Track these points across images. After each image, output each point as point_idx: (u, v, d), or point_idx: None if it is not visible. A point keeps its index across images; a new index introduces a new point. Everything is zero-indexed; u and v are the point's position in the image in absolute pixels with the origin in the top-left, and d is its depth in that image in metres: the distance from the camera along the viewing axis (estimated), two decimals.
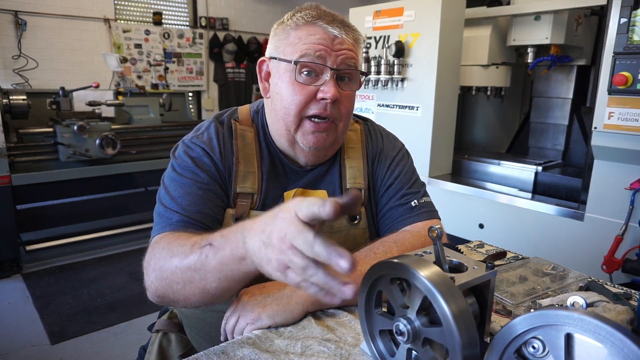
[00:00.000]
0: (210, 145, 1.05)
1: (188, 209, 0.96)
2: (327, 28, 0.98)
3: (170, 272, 0.81)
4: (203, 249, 0.77)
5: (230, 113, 1.14)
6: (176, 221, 0.94)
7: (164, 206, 0.98)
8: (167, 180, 1.03)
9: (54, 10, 4.96)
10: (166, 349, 1.13)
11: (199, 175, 1.01)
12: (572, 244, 2.26)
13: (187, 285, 0.80)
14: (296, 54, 0.98)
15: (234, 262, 0.73)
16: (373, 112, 3.04)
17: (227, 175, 1.05)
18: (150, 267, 0.87)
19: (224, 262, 0.74)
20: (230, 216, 1.03)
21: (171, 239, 0.88)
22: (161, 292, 0.85)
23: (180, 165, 1.03)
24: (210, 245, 0.76)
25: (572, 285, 1.07)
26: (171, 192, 1.00)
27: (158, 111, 4.29)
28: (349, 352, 0.80)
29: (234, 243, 0.72)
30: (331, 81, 0.98)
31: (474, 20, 2.86)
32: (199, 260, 0.77)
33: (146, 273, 0.88)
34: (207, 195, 1.00)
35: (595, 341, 0.51)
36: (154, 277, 0.85)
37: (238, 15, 6.50)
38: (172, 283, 0.82)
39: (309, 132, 1.02)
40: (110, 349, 2.53)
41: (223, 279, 0.76)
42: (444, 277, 0.62)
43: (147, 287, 0.88)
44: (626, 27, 1.85)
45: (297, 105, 1.00)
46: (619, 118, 1.95)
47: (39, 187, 3.49)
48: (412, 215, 1.11)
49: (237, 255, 0.71)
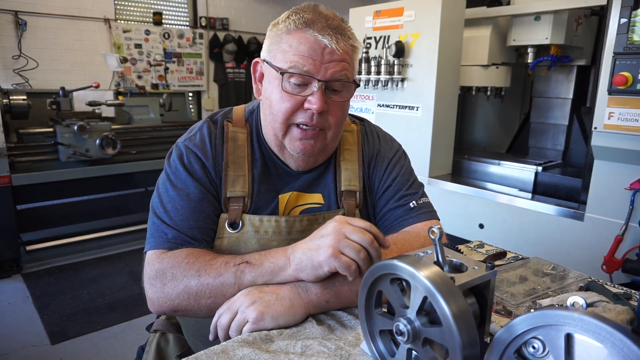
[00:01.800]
0: (202, 148, 1.05)
1: (181, 224, 0.99)
2: (318, 37, 0.95)
3: (199, 288, 0.90)
4: (239, 266, 0.90)
5: (224, 113, 1.13)
6: (172, 237, 0.98)
7: (158, 218, 1.01)
8: (162, 189, 1.04)
9: (54, 10, 4.97)
10: (164, 349, 1.13)
11: (191, 187, 1.02)
12: (572, 244, 2.26)
13: (217, 299, 0.90)
14: (286, 63, 0.97)
15: (271, 274, 0.89)
16: (373, 112, 3.04)
17: (219, 179, 1.05)
18: (168, 285, 0.92)
19: (261, 275, 0.89)
20: (225, 221, 1.03)
21: (189, 258, 0.93)
22: (183, 306, 0.92)
23: (173, 174, 1.04)
24: (247, 263, 0.91)
25: (572, 285, 1.07)
26: (165, 204, 1.01)
27: (158, 111, 4.29)
28: (349, 352, 0.80)
29: (275, 257, 0.90)
30: (319, 92, 0.97)
31: (474, 20, 2.86)
32: (235, 276, 0.90)
33: (156, 288, 0.93)
34: (199, 207, 1.01)
35: (595, 341, 0.51)
36: (172, 293, 0.92)
37: (238, 15, 6.50)
38: (199, 298, 0.91)
39: (297, 139, 1.02)
40: (110, 349, 2.53)
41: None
42: (444, 277, 0.62)
43: (154, 301, 0.94)
44: (626, 27, 1.84)
45: (284, 113, 0.99)
46: (619, 118, 1.95)
47: (39, 187, 3.49)
48: (411, 217, 1.11)
49: (279, 266, 0.89)
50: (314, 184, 1.12)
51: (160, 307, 0.94)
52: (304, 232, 1.06)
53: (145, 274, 0.95)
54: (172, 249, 0.97)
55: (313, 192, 1.12)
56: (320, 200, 1.12)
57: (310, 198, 1.11)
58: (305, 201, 1.11)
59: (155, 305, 0.95)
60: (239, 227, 1.03)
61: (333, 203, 1.12)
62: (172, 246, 0.97)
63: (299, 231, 1.06)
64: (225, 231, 1.03)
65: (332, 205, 1.12)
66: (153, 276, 0.94)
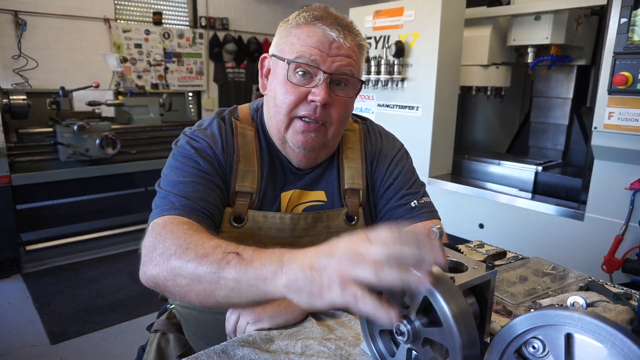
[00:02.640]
0: (213, 139, 1.04)
1: (191, 196, 0.93)
2: (326, 30, 0.97)
3: (180, 265, 0.76)
4: (227, 255, 0.73)
5: (230, 111, 1.13)
6: (180, 205, 0.90)
7: (165, 191, 0.94)
8: (168, 169, 1.00)
9: (54, 10, 4.96)
10: (164, 349, 1.13)
11: (202, 165, 0.99)
12: (572, 244, 2.26)
13: (193, 283, 0.75)
14: (292, 53, 0.98)
15: (256, 279, 0.68)
16: (373, 112, 3.04)
17: (228, 171, 1.04)
18: (156, 252, 0.81)
19: (245, 274, 0.69)
20: (229, 215, 1.02)
21: (186, 228, 0.83)
22: (161, 280, 0.79)
23: (182, 154, 1.01)
24: (236, 254, 0.72)
25: (572, 285, 1.07)
26: (173, 178, 0.96)
27: (158, 111, 4.28)
28: (349, 352, 0.80)
29: (267, 260, 0.68)
30: (323, 84, 0.97)
31: (474, 20, 2.86)
32: (219, 264, 0.72)
33: (148, 256, 0.83)
34: (209, 185, 0.98)
35: (595, 341, 0.51)
36: (158, 264, 0.79)
37: (238, 15, 6.50)
38: (177, 277, 0.76)
39: (299, 132, 1.02)
40: (110, 349, 2.53)
41: (235, 291, 0.71)
42: (444, 277, 0.62)
43: (144, 269, 0.83)
44: (626, 27, 1.84)
45: (287, 105, 1.00)
46: (619, 118, 1.95)
47: (39, 187, 3.48)
48: (412, 216, 1.11)
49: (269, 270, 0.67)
50: (317, 182, 1.13)
51: (144, 276, 0.83)
52: (308, 230, 1.06)
53: (145, 240, 0.87)
54: (179, 215, 0.89)
55: (316, 190, 1.12)
56: (323, 198, 1.12)
57: (312, 196, 1.11)
58: (308, 199, 1.11)
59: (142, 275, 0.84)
60: (243, 223, 1.02)
61: (336, 201, 1.12)
62: (180, 213, 0.89)
63: (304, 228, 1.07)
64: (227, 225, 1.02)
65: (336, 203, 1.12)
66: (147, 243, 0.85)
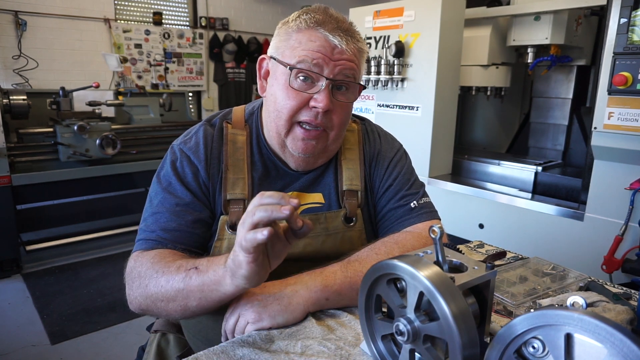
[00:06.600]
0: (196, 152, 1.05)
1: (165, 227, 1.00)
2: (328, 36, 0.97)
3: (155, 290, 0.89)
4: (189, 272, 0.86)
5: (223, 115, 1.14)
6: (152, 239, 0.99)
7: (144, 221, 1.03)
8: (152, 192, 1.06)
9: (54, 10, 4.96)
10: (164, 349, 1.13)
11: (179, 192, 1.03)
12: (572, 244, 2.26)
13: (170, 303, 0.88)
14: (294, 58, 0.97)
15: (213, 284, 0.82)
16: (373, 112, 3.04)
17: (217, 181, 1.05)
18: (134, 284, 0.93)
19: (205, 283, 0.83)
20: (225, 222, 1.03)
21: (155, 259, 0.93)
22: (144, 307, 0.93)
23: (164, 177, 1.06)
24: (195, 269, 0.86)
25: (572, 285, 1.07)
26: (154, 205, 1.04)
27: (158, 111, 4.28)
28: (349, 352, 0.80)
29: (216, 266, 0.83)
30: (325, 90, 0.97)
31: (474, 20, 2.86)
32: (183, 281, 0.86)
33: (129, 287, 0.94)
34: (183, 213, 1.02)
35: (595, 341, 0.51)
36: (139, 294, 0.92)
37: (238, 15, 6.50)
38: (156, 300, 0.89)
39: (299, 139, 1.02)
40: (110, 349, 2.53)
41: (203, 299, 0.85)
42: (444, 277, 0.62)
43: (129, 300, 0.95)
44: (626, 27, 1.84)
45: (289, 110, 0.99)
46: (618, 118, 1.95)
47: (39, 187, 3.48)
48: (412, 217, 1.11)
49: (219, 273, 0.81)
50: (314, 184, 1.12)
51: (132, 306, 0.96)
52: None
53: (125, 272, 0.98)
54: (148, 249, 0.98)
55: (313, 192, 1.12)
56: (320, 200, 1.12)
57: (310, 198, 1.11)
58: (305, 201, 1.11)
59: (130, 305, 0.96)
60: None
61: (334, 203, 1.12)
62: (149, 246, 0.98)
63: None
64: (225, 233, 1.03)
65: (333, 205, 1.12)
66: (127, 275, 0.97)
